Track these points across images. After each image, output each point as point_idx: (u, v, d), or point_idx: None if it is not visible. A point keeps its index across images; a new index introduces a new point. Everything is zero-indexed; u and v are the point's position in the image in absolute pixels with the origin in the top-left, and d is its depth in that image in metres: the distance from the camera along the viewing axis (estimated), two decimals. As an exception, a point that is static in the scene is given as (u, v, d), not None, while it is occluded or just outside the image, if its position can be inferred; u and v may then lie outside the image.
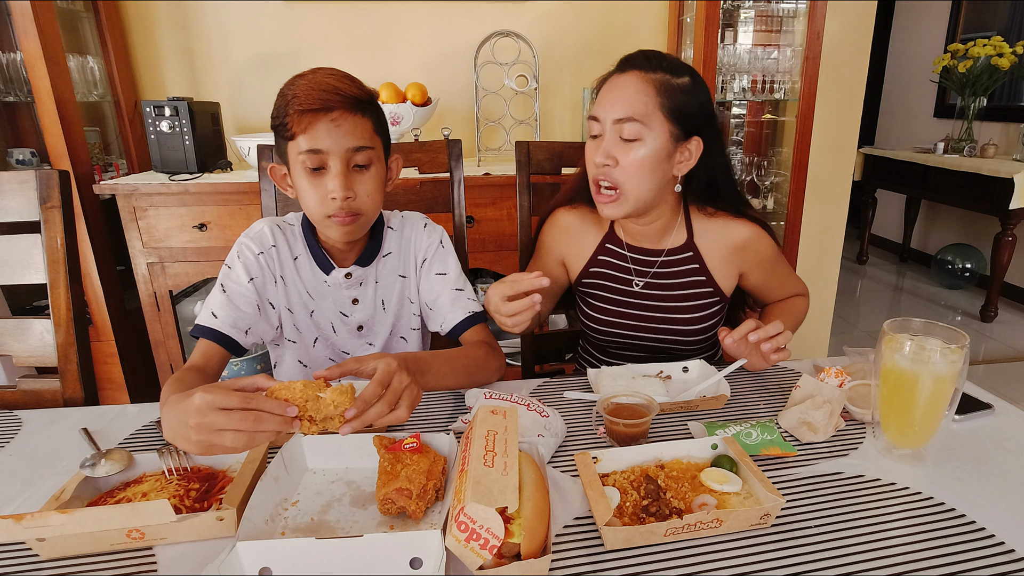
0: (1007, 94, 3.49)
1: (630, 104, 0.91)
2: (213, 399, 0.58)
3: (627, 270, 1.08)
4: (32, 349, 0.99)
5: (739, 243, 1.04)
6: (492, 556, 0.52)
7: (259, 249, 0.95)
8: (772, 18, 2.11)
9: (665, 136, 0.93)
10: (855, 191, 2.60)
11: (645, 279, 1.07)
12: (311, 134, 0.83)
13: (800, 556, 0.57)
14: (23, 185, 0.96)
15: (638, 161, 0.93)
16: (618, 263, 1.09)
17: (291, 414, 0.60)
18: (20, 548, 0.60)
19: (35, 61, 1.64)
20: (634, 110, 0.91)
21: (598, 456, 0.67)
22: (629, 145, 0.93)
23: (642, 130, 0.92)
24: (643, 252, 1.07)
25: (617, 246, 1.09)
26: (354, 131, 0.85)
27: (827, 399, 0.78)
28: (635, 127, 0.91)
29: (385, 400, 0.65)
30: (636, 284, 1.07)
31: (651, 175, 0.94)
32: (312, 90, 0.82)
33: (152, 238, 1.77)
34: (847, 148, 2.38)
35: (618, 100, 0.93)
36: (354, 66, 1.93)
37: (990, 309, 3.17)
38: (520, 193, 1.26)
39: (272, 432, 0.60)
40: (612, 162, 0.94)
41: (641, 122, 0.91)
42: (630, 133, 0.92)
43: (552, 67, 2.21)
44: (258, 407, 0.59)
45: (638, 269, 1.07)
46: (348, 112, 0.84)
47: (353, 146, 0.85)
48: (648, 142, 0.92)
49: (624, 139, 0.93)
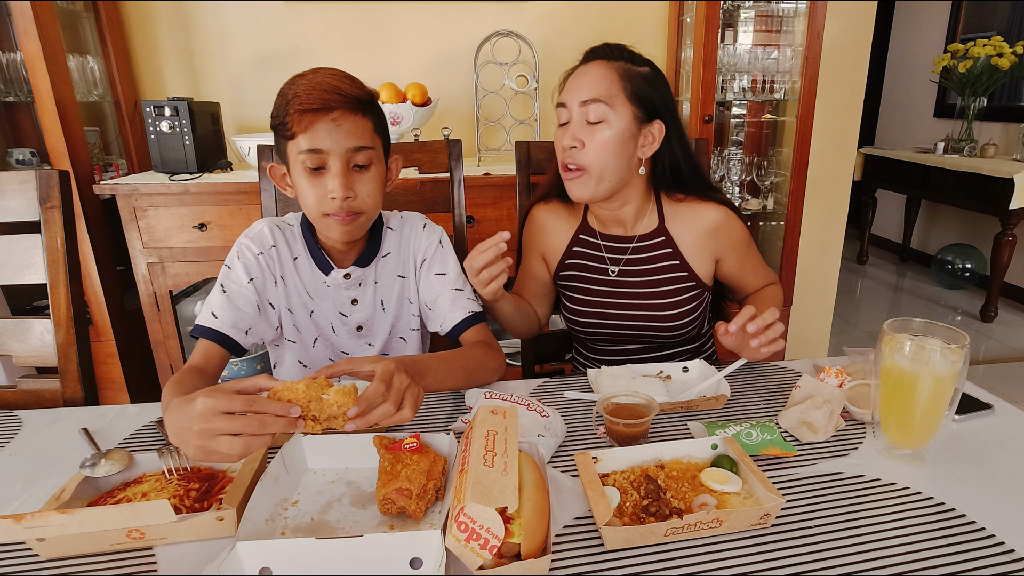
0: (1007, 94, 3.49)
1: (594, 87, 0.96)
2: (216, 404, 0.58)
3: (601, 259, 1.10)
4: (32, 349, 0.99)
5: (711, 225, 1.06)
6: (492, 556, 0.52)
7: (259, 249, 0.95)
8: (772, 18, 2.11)
9: (628, 117, 0.97)
10: (855, 191, 2.60)
11: (619, 266, 1.09)
12: (311, 134, 0.83)
13: (800, 556, 0.57)
14: (23, 185, 0.96)
15: (603, 141, 0.96)
16: (592, 252, 1.11)
17: (294, 414, 0.60)
18: (20, 548, 0.60)
19: (35, 61, 1.64)
20: (599, 92, 0.96)
21: (598, 456, 0.67)
22: (595, 127, 0.96)
23: (607, 111, 0.95)
24: (616, 240, 1.10)
25: (590, 235, 1.12)
26: (354, 131, 0.85)
27: (827, 399, 0.78)
28: (600, 108, 0.95)
29: (391, 400, 0.65)
30: (611, 272, 1.09)
31: (617, 156, 0.97)
32: (313, 90, 0.82)
33: (152, 238, 1.77)
34: (847, 148, 2.38)
35: (583, 85, 0.97)
36: (354, 66, 1.93)
37: (990, 309, 3.17)
38: (520, 193, 1.26)
39: (273, 434, 0.60)
40: (579, 144, 0.97)
41: (606, 103, 0.95)
42: (596, 115, 0.96)
43: (552, 67, 2.20)
44: (261, 409, 0.59)
45: (612, 257, 1.09)
46: (349, 112, 0.84)
47: (353, 146, 0.85)
48: (613, 123, 0.96)
49: (590, 122, 0.96)
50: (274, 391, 0.61)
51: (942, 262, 3.69)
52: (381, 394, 0.65)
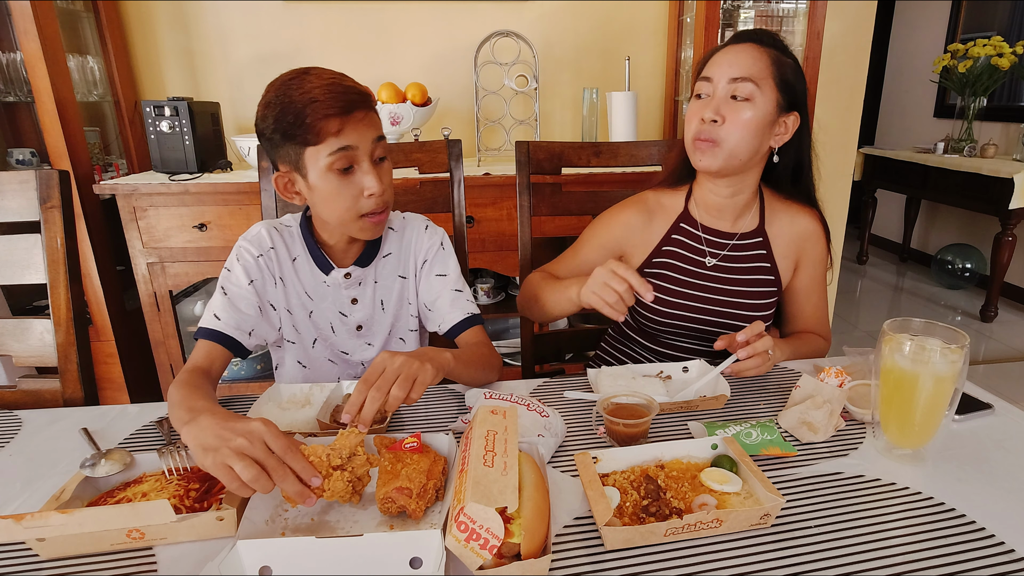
0: (1007, 94, 3.49)
1: (747, 67, 0.96)
2: (267, 434, 0.59)
3: (700, 251, 1.10)
4: (32, 349, 0.99)
5: (804, 232, 1.09)
6: (492, 556, 0.52)
7: (258, 252, 0.95)
8: (772, 18, 2.11)
9: (773, 102, 0.97)
10: (855, 191, 2.60)
11: (716, 259, 1.09)
12: (342, 135, 0.83)
13: (800, 556, 0.57)
14: (23, 185, 0.96)
15: (746, 120, 0.96)
16: (691, 243, 1.11)
17: (315, 484, 0.60)
18: (20, 548, 0.60)
19: (35, 61, 1.64)
20: (751, 71, 0.96)
21: (598, 456, 0.67)
22: (739, 105, 0.96)
23: (755, 91, 0.96)
24: (716, 234, 1.10)
25: (691, 226, 1.11)
26: (372, 125, 0.87)
27: (827, 399, 0.78)
28: (749, 87, 0.96)
29: (377, 387, 0.68)
30: (708, 262, 1.09)
31: (754, 137, 0.98)
32: (332, 93, 0.81)
33: (152, 238, 1.77)
34: (847, 148, 2.38)
35: (736, 61, 0.97)
36: (354, 66, 1.93)
37: (990, 309, 3.17)
38: (520, 193, 1.25)
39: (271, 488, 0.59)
40: (720, 119, 0.97)
41: (755, 83, 0.95)
42: (744, 92, 0.96)
43: (552, 67, 2.21)
44: (292, 463, 0.59)
45: (711, 250, 1.09)
46: (367, 110, 0.86)
47: (375, 137, 0.87)
48: (758, 104, 0.96)
49: (736, 98, 0.96)
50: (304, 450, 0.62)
51: (942, 262, 3.69)
52: (362, 394, 0.68)
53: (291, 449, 0.59)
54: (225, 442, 0.58)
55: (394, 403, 0.69)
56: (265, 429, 0.59)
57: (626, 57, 1.99)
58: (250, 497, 0.61)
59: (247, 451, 0.57)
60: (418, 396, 0.71)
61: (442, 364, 0.78)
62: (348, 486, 0.61)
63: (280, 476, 0.58)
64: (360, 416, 0.67)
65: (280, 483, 0.58)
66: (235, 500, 0.61)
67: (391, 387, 0.69)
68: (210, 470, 0.58)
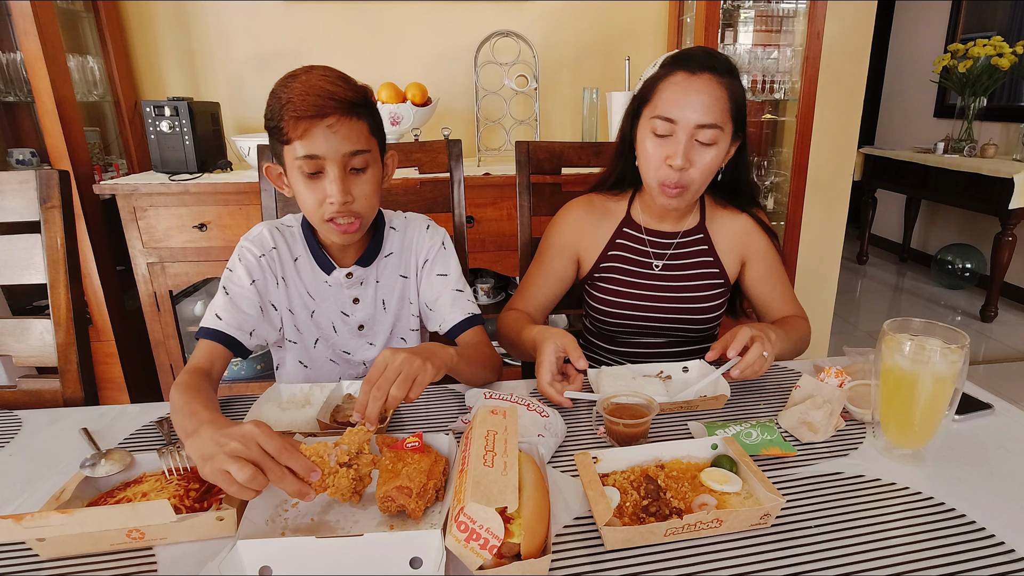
0: (1007, 94, 3.49)
1: (711, 111, 0.94)
2: (260, 435, 0.59)
3: (645, 253, 1.11)
4: (32, 349, 0.99)
5: (743, 229, 1.11)
6: (492, 556, 0.52)
7: (260, 252, 0.95)
8: (772, 18, 2.11)
9: (729, 138, 0.98)
10: (855, 191, 2.60)
11: (663, 261, 1.10)
12: (307, 141, 0.82)
13: (800, 556, 0.57)
14: (23, 185, 0.96)
15: (709, 162, 0.97)
16: (636, 246, 1.12)
17: (314, 479, 0.60)
18: (20, 548, 0.60)
19: (35, 61, 1.64)
20: (716, 117, 0.94)
21: (598, 456, 0.67)
22: (704, 149, 0.96)
23: (719, 135, 0.95)
24: (659, 235, 1.11)
25: (634, 229, 1.12)
26: (350, 136, 0.84)
27: (827, 399, 0.78)
28: (714, 132, 0.95)
29: (378, 386, 0.69)
30: (655, 266, 1.10)
31: (713, 172, 1.00)
32: (307, 95, 0.80)
33: (152, 238, 1.76)
34: (847, 148, 2.38)
35: (699, 105, 0.93)
36: (354, 66, 1.93)
37: (990, 309, 3.17)
38: (520, 193, 1.25)
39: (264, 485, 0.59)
40: (688, 165, 0.96)
41: (720, 128, 0.95)
42: (709, 138, 0.95)
43: (552, 67, 2.20)
44: (288, 463, 0.59)
45: (656, 252, 1.10)
46: (343, 117, 0.83)
47: (349, 151, 0.84)
48: (720, 145, 0.97)
49: (700, 142, 0.96)
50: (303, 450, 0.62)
51: (942, 262, 3.69)
52: (367, 393, 0.69)
53: (286, 448, 0.59)
54: (220, 447, 0.58)
55: (393, 403, 0.69)
56: (258, 431, 0.59)
57: (626, 57, 1.99)
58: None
59: (241, 453, 0.57)
60: (417, 395, 0.72)
61: (444, 361, 0.78)
62: (352, 484, 0.61)
63: (277, 476, 0.58)
64: (365, 415, 0.68)
65: (278, 483, 0.58)
66: (235, 500, 0.61)
67: (391, 387, 0.69)
68: (210, 478, 0.58)
